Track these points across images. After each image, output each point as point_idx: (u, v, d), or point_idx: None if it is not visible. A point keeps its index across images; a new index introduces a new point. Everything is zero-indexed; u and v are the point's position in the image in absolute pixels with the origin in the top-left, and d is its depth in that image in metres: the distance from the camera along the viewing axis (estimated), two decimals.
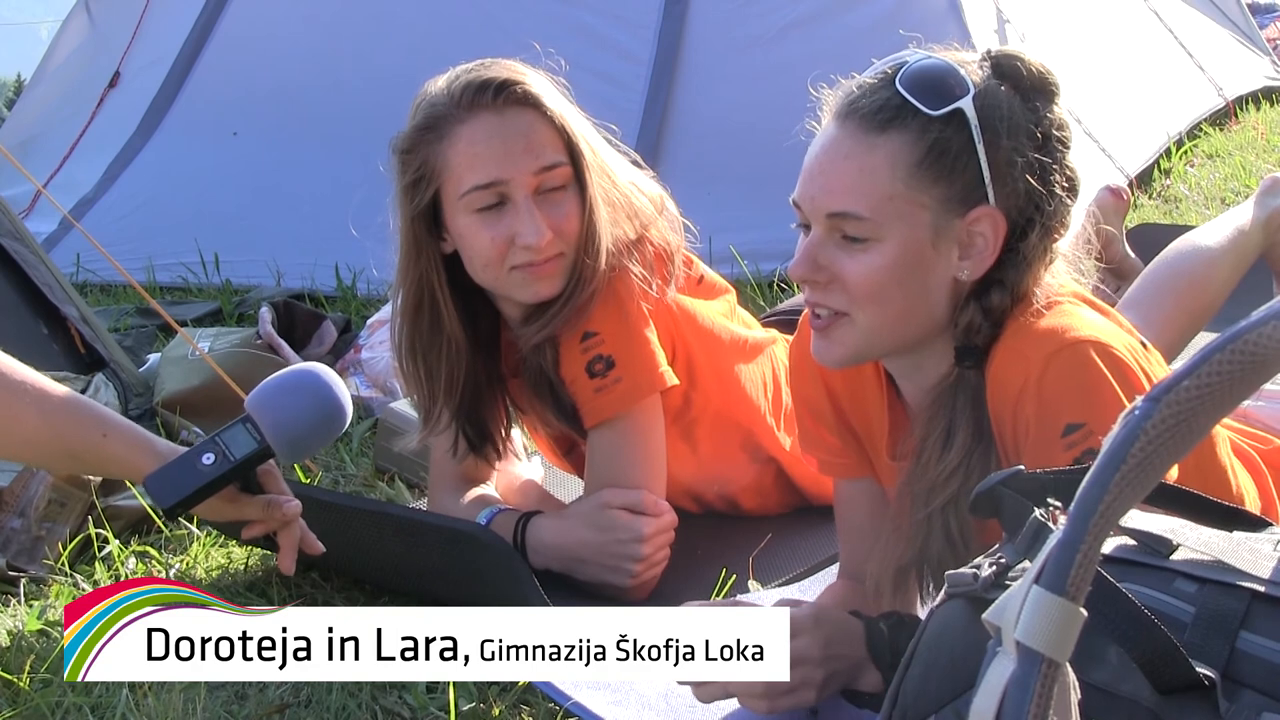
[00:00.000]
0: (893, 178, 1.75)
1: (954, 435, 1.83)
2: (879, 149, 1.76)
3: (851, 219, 1.77)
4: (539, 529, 2.43)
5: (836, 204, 1.78)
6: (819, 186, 1.80)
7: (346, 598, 2.41)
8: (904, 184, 1.75)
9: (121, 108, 5.35)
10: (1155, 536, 1.30)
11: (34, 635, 2.37)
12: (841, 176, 1.78)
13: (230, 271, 4.65)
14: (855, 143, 1.77)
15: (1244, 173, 5.21)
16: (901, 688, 1.36)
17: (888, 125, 1.76)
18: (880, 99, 1.77)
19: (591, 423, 2.41)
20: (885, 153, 1.76)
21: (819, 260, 1.80)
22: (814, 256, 1.80)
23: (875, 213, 1.76)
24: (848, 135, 1.78)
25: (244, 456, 2.00)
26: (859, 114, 1.78)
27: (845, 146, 1.78)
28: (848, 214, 1.77)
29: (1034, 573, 0.97)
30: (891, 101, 1.77)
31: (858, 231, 1.77)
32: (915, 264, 1.78)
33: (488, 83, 2.29)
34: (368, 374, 3.46)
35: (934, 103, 1.75)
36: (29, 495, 2.65)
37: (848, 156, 1.78)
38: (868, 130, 1.77)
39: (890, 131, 1.76)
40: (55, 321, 3.41)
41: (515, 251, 2.30)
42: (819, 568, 2.44)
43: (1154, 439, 0.97)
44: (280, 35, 5.23)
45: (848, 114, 1.79)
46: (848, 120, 1.79)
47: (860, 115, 1.78)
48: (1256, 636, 1.20)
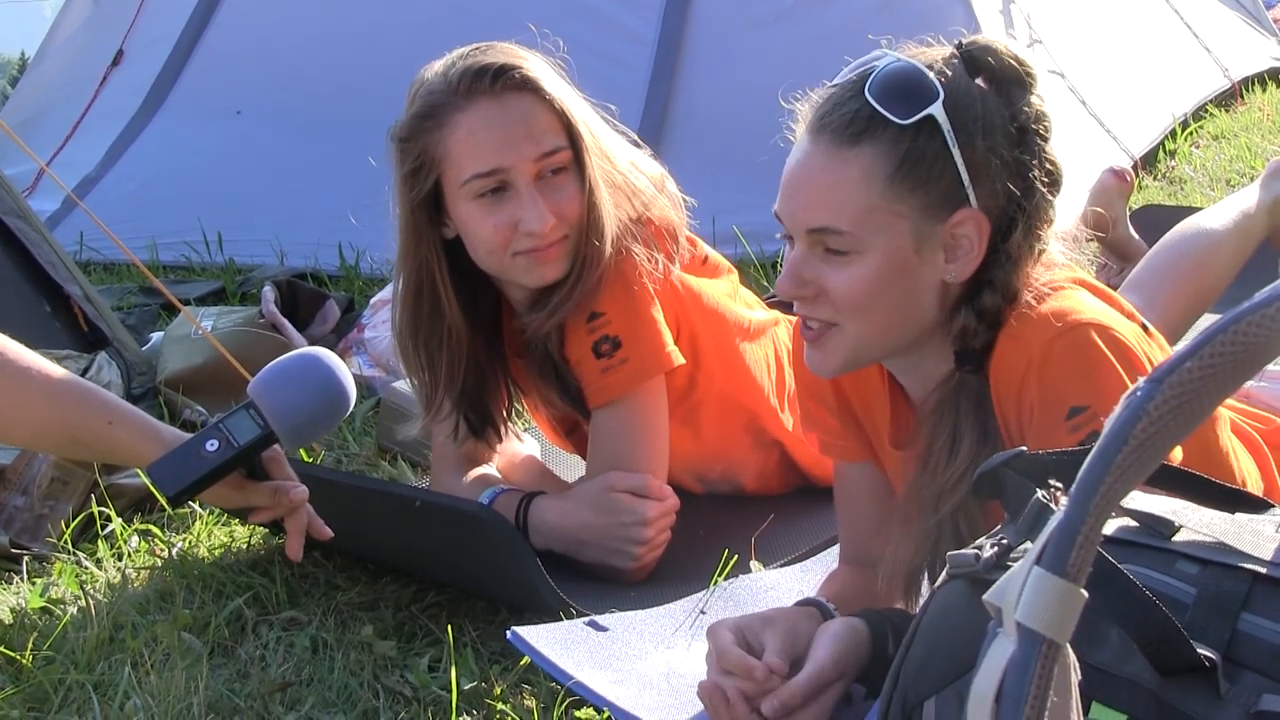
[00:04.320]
0: (869, 190, 1.74)
1: (960, 441, 1.83)
2: (853, 162, 1.74)
3: (831, 234, 1.76)
4: (542, 510, 2.43)
5: (815, 220, 1.77)
6: (798, 203, 1.79)
7: (349, 577, 2.41)
8: (881, 196, 1.74)
9: (125, 86, 5.33)
10: (1157, 518, 1.30)
11: (37, 613, 2.38)
12: (818, 192, 1.77)
13: (233, 250, 4.64)
14: (829, 157, 1.76)
15: (1249, 154, 5.19)
16: (903, 668, 1.36)
17: (860, 138, 1.74)
18: (850, 111, 1.75)
19: (597, 403, 2.41)
20: (859, 166, 1.74)
21: (804, 275, 1.80)
22: (798, 272, 1.80)
23: (855, 226, 1.75)
24: (821, 150, 1.77)
25: (248, 442, 2.00)
26: (830, 128, 1.76)
27: (819, 161, 1.77)
28: (827, 229, 1.76)
29: (1035, 554, 0.97)
30: (862, 113, 1.75)
31: (839, 245, 1.77)
32: (900, 272, 1.77)
33: (485, 69, 2.28)
34: (371, 353, 3.46)
35: (904, 111, 1.73)
36: (32, 473, 2.65)
37: (822, 171, 1.76)
38: (840, 144, 1.75)
39: (863, 144, 1.74)
40: (58, 300, 3.41)
41: (518, 238, 2.30)
42: (821, 548, 2.44)
43: (1156, 420, 0.97)
44: (284, 13, 5.22)
45: (819, 128, 1.78)
46: (820, 134, 1.77)
47: (832, 129, 1.76)
48: (1258, 618, 1.20)
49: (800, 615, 1.90)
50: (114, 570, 2.52)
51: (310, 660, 2.17)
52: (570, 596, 2.20)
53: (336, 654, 2.17)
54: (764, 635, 1.83)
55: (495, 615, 2.26)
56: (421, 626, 2.25)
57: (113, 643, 2.25)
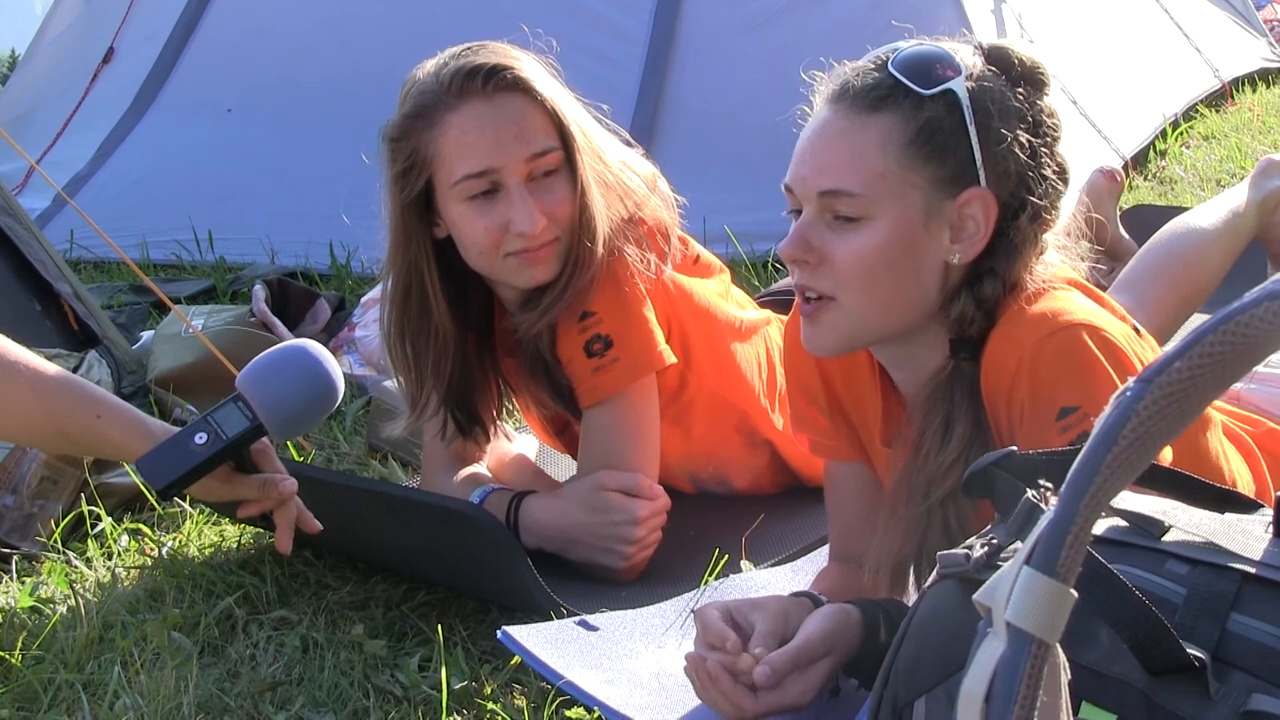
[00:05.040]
0: (884, 156, 1.76)
1: (952, 428, 1.83)
2: (871, 127, 1.77)
3: (843, 196, 1.77)
4: (532, 508, 2.43)
5: (828, 182, 1.78)
6: (811, 166, 1.80)
7: (339, 576, 2.41)
8: (896, 162, 1.76)
9: (115, 84, 5.33)
10: (1147, 518, 1.30)
11: (26, 612, 2.37)
12: (833, 155, 1.78)
13: (224, 249, 4.64)
14: (848, 122, 1.78)
15: (1239, 154, 5.20)
16: (893, 668, 1.36)
17: (880, 105, 1.77)
18: (872, 80, 1.79)
19: (588, 402, 2.41)
20: (877, 131, 1.76)
21: (810, 240, 1.80)
22: (805, 236, 1.80)
23: (867, 190, 1.76)
24: (840, 116, 1.79)
25: (236, 435, 2.00)
26: (851, 95, 1.79)
27: (837, 126, 1.79)
28: (839, 191, 1.77)
29: (1025, 554, 0.97)
30: (884, 82, 1.78)
31: (849, 210, 1.77)
32: (906, 245, 1.78)
33: (477, 69, 2.28)
34: (361, 352, 3.46)
35: (926, 83, 1.77)
36: (21, 472, 2.65)
37: (840, 135, 1.79)
38: (860, 110, 1.78)
39: (883, 111, 1.77)
40: (48, 298, 3.40)
41: (510, 239, 2.30)
42: (812, 547, 2.44)
43: (1146, 420, 0.97)
44: (275, 11, 5.21)
45: (840, 96, 1.80)
46: (840, 102, 1.80)
47: (852, 96, 1.79)
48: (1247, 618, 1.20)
49: (791, 602, 1.91)
50: (104, 569, 2.51)
51: (300, 660, 2.17)
52: (561, 596, 2.20)
53: (327, 653, 2.17)
54: (753, 616, 1.84)
55: (486, 615, 2.26)
56: (412, 626, 2.25)
57: (102, 642, 2.25)
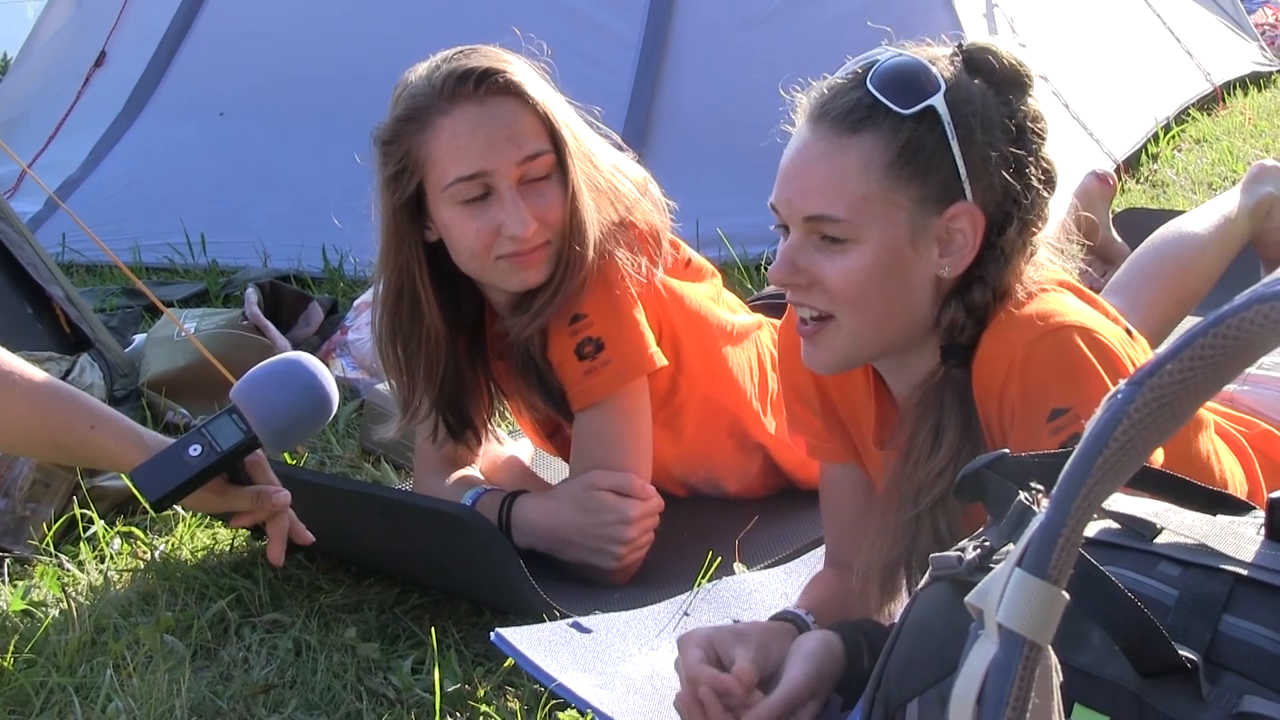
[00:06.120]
0: (867, 178, 1.75)
1: (942, 434, 1.83)
2: (851, 150, 1.75)
3: (828, 221, 1.76)
4: (524, 509, 2.43)
5: (812, 207, 1.77)
6: (794, 190, 1.79)
7: (332, 579, 2.41)
8: (879, 184, 1.75)
9: (107, 87, 5.31)
10: (1139, 520, 1.30)
11: (18, 615, 2.37)
12: (816, 179, 1.77)
13: (216, 252, 4.63)
14: (828, 144, 1.77)
15: (1231, 158, 5.21)
16: (885, 670, 1.36)
17: (860, 126, 1.75)
18: (851, 100, 1.77)
19: (580, 405, 2.41)
20: (858, 153, 1.75)
21: (798, 264, 1.80)
22: (793, 260, 1.80)
23: (851, 214, 1.75)
24: (820, 137, 1.78)
25: (231, 447, 2.00)
26: (830, 116, 1.77)
27: (818, 149, 1.78)
28: (824, 216, 1.77)
29: (1016, 556, 0.97)
30: (863, 102, 1.76)
31: (835, 233, 1.77)
32: (895, 264, 1.78)
33: (469, 72, 2.28)
34: (354, 355, 3.45)
35: (905, 101, 1.74)
36: (13, 476, 2.64)
37: (821, 158, 1.77)
38: (840, 131, 1.76)
39: (863, 132, 1.75)
40: (41, 302, 3.40)
41: (501, 242, 2.30)
42: (805, 550, 2.44)
43: (1137, 422, 0.97)
44: (268, 14, 5.20)
45: (819, 116, 1.79)
46: (820, 122, 1.78)
47: (832, 117, 1.77)
48: (1239, 620, 1.20)
49: (773, 632, 1.89)
50: (96, 572, 2.51)
51: (293, 662, 2.16)
52: (554, 598, 2.20)
53: (319, 656, 2.17)
54: (734, 650, 1.83)
55: (479, 617, 2.26)
56: (405, 628, 2.25)
57: (95, 645, 2.24)
